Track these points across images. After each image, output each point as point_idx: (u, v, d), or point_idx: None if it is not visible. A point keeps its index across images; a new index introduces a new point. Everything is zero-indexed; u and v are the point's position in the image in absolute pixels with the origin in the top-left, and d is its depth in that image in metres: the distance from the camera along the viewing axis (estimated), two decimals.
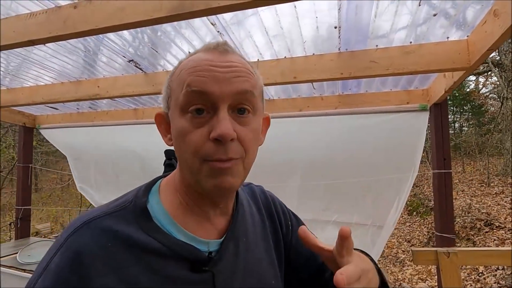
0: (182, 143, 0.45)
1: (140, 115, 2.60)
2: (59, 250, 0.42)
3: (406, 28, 1.37)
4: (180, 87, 0.45)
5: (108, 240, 0.43)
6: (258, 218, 0.62)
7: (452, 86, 1.56)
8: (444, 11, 1.25)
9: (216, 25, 1.36)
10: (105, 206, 0.48)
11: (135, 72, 1.87)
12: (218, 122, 0.43)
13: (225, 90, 0.43)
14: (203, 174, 0.44)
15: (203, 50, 0.48)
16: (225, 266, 0.50)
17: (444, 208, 1.75)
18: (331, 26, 1.36)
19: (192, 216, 0.50)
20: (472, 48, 1.29)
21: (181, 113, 0.45)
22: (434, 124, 1.83)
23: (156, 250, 0.44)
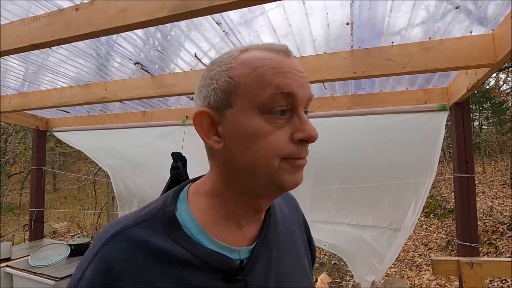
0: (259, 143, 0.43)
1: (149, 118, 2.58)
2: (92, 262, 0.43)
3: (424, 22, 1.27)
4: (263, 86, 0.43)
5: (138, 252, 0.43)
6: (290, 224, 0.61)
7: (475, 84, 1.44)
8: (467, 3, 1.16)
9: (222, 25, 1.30)
10: (135, 214, 0.48)
11: (142, 75, 1.85)
12: (305, 124, 0.44)
13: (304, 94, 0.45)
14: (282, 171, 0.44)
15: (268, 50, 0.46)
16: (258, 275, 0.48)
17: (466, 214, 1.64)
18: (343, 23, 1.28)
19: (222, 224, 0.48)
20: (499, 42, 1.19)
21: (259, 112, 0.43)
22: (455, 125, 1.71)
23: (187, 261, 0.44)
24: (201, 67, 1.72)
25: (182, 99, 2.35)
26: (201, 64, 1.68)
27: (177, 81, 1.75)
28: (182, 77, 1.75)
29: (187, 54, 1.63)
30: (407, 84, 1.86)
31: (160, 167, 2.43)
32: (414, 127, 1.90)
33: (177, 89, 1.73)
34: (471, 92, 1.54)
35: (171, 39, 1.53)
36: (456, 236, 1.72)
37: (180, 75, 1.75)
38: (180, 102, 2.44)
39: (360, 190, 2.12)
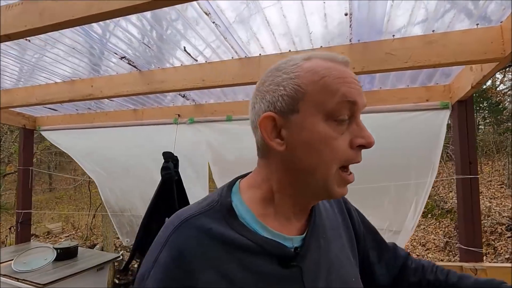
0: (324, 148, 0.46)
1: (140, 116, 2.49)
2: (164, 246, 0.47)
3: (428, 14, 1.19)
4: (330, 94, 0.46)
5: (205, 237, 0.47)
6: (331, 213, 0.64)
7: (481, 81, 1.37)
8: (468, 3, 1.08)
9: (211, 15, 1.21)
10: (196, 206, 0.52)
11: (130, 71, 1.76)
12: (364, 130, 0.48)
13: (362, 102, 0.49)
14: (335, 181, 0.48)
15: (330, 59, 0.49)
16: (311, 262, 0.52)
17: (470, 218, 1.56)
18: (341, 14, 1.20)
19: (274, 216, 0.52)
20: (508, 35, 1.11)
21: (325, 118, 0.47)
22: (459, 124, 1.64)
23: (246, 247, 0.47)
24: (192, 62, 1.63)
25: (176, 98, 2.26)
26: (191, 59, 1.59)
27: (166, 77, 1.66)
28: (171, 73, 1.66)
29: (178, 50, 1.55)
30: (408, 81, 1.78)
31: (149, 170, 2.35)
32: (415, 127, 1.82)
33: (167, 85, 1.64)
34: (475, 89, 1.46)
35: (166, 38, 1.45)
36: (459, 240, 1.64)
37: (169, 71, 1.66)
38: (173, 100, 2.35)
39: (360, 191, 2.03)
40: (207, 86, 1.56)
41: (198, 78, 1.59)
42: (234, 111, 2.19)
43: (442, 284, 0.66)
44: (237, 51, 1.48)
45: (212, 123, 2.26)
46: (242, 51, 1.49)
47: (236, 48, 1.46)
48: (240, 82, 1.51)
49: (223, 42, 1.42)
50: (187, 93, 2.12)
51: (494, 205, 6.32)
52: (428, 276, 0.68)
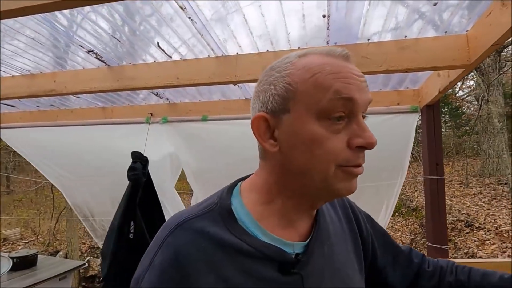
0: (317, 149, 0.44)
1: (109, 114, 2.35)
2: (160, 249, 0.45)
3: (398, 23, 1.23)
4: (322, 91, 0.44)
5: (202, 240, 0.45)
6: (336, 219, 0.62)
7: (447, 86, 1.44)
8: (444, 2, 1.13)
9: (187, 10, 1.16)
10: (194, 208, 0.50)
11: (98, 66, 1.65)
12: (364, 130, 0.45)
13: (364, 99, 0.45)
14: (338, 179, 0.45)
15: (327, 54, 0.46)
16: (313, 269, 0.50)
17: (437, 216, 1.64)
18: (319, 15, 1.20)
19: (276, 219, 0.50)
20: (473, 43, 1.17)
21: (317, 117, 0.44)
22: (426, 127, 1.72)
23: (246, 251, 0.46)
24: (166, 59, 1.56)
25: (149, 97, 2.16)
26: (165, 56, 1.53)
27: (138, 74, 1.58)
28: (144, 70, 1.57)
29: (154, 48, 1.47)
30: (381, 85, 1.84)
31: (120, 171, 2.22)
32: (386, 129, 1.88)
33: (138, 82, 1.56)
34: (442, 94, 1.54)
35: (140, 33, 1.37)
36: (426, 237, 1.72)
37: (141, 67, 1.58)
38: (145, 99, 2.25)
39: None
40: (182, 84, 1.50)
41: (172, 75, 1.52)
42: (210, 110, 2.13)
43: (464, 285, 0.62)
44: (213, 49, 1.44)
45: (187, 123, 2.19)
46: (219, 50, 1.45)
47: (213, 46, 1.42)
48: (217, 81, 1.47)
49: (199, 40, 1.38)
50: (160, 91, 2.04)
51: (454, 203, 6.77)
52: (448, 278, 0.64)
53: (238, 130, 2.05)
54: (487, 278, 0.61)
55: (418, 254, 0.70)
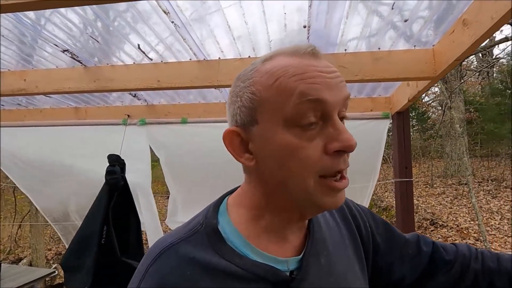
0: (290, 161, 0.40)
1: (82, 115, 2.26)
2: (143, 279, 0.42)
3: (376, 34, 1.31)
4: (286, 97, 0.40)
5: (187, 267, 0.42)
6: (334, 225, 0.57)
7: (416, 95, 1.55)
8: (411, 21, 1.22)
9: (170, 14, 1.16)
10: (179, 231, 0.47)
11: (74, 66, 1.58)
12: (340, 132, 0.40)
13: (337, 97, 0.41)
14: (319, 193, 0.41)
15: (292, 54, 0.42)
16: (310, 285, 0.46)
17: (406, 216, 1.76)
18: (300, 25, 1.25)
19: (266, 235, 0.47)
20: (438, 58, 1.28)
21: (286, 126, 0.40)
22: (397, 132, 1.83)
23: (236, 274, 0.43)
24: (146, 61, 1.53)
25: (125, 97, 2.10)
26: (146, 58, 1.50)
27: (116, 75, 1.54)
28: (123, 71, 1.54)
29: (130, 46, 1.44)
30: (356, 92, 1.94)
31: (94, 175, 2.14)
32: (360, 134, 1.98)
33: (117, 84, 1.52)
34: (411, 102, 1.65)
35: (114, 30, 1.34)
36: None
37: (120, 68, 1.54)
38: (121, 99, 2.18)
39: None
40: (163, 87, 1.49)
41: (152, 78, 1.50)
42: (189, 113, 2.12)
43: (494, 273, 0.56)
44: (196, 53, 1.45)
45: (166, 125, 2.16)
46: (201, 53, 1.46)
47: (195, 50, 1.42)
48: (199, 85, 1.47)
49: (180, 42, 1.37)
50: (139, 92, 2.00)
51: (421, 203, 7.20)
52: (474, 265, 0.57)
53: (218, 133, 2.04)
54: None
55: (428, 241, 0.62)
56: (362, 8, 1.17)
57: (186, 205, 2.35)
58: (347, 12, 1.16)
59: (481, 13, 0.96)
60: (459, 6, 1.08)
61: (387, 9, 1.17)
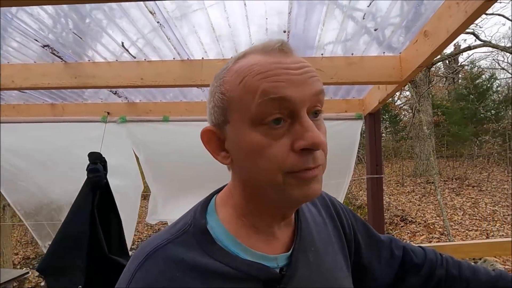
0: (258, 158, 0.41)
1: (59, 112, 2.21)
2: (130, 283, 0.41)
3: (349, 40, 1.42)
4: (251, 96, 0.40)
5: (175, 270, 0.41)
6: (321, 221, 0.58)
7: (385, 98, 1.68)
8: (383, 27, 1.34)
9: (156, 15, 1.20)
10: (166, 232, 0.46)
11: (53, 61, 1.56)
12: (306, 130, 0.39)
13: (304, 93, 0.40)
14: (289, 186, 0.41)
15: (262, 51, 0.42)
16: (300, 281, 0.47)
17: (377, 211, 1.89)
18: (280, 30, 1.33)
19: (255, 233, 0.47)
20: (404, 64, 1.41)
21: (253, 125, 0.40)
22: (369, 132, 1.97)
23: (226, 274, 0.42)
24: (127, 58, 1.55)
25: (104, 94, 2.08)
26: (127, 55, 1.52)
27: (98, 72, 1.54)
28: (105, 68, 1.54)
29: (111, 42, 1.45)
30: (332, 94, 2.05)
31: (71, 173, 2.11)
32: (336, 133, 2.10)
33: (99, 81, 1.52)
34: (381, 104, 1.79)
35: (91, 21, 1.33)
36: None
37: (102, 65, 1.55)
38: (100, 96, 2.16)
39: None
40: (147, 85, 1.51)
41: (135, 76, 1.52)
42: (171, 111, 2.14)
43: (456, 279, 0.61)
44: (179, 52, 1.48)
45: (147, 123, 2.16)
46: (185, 53, 1.50)
47: (178, 49, 1.46)
48: (182, 84, 1.51)
49: (164, 40, 1.41)
50: (119, 89, 1.99)
51: (392, 201, 7.58)
52: (439, 270, 0.62)
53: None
54: (478, 274, 0.60)
55: (399, 245, 0.66)
56: (338, 13, 1.27)
57: (167, 204, 2.36)
58: (324, 16, 1.25)
59: (439, 26, 1.09)
60: (422, 18, 1.21)
61: (361, 15, 1.28)
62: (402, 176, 9.80)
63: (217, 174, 2.19)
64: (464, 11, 0.94)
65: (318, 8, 1.19)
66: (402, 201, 7.54)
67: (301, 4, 1.16)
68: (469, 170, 9.88)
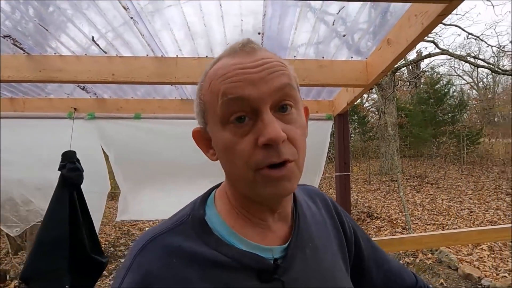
0: (230, 155, 0.43)
1: (20, 107, 2.07)
2: (129, 270, 0.42)
3: (321, 43, 1.49)
4: (215, 98, 0.43)
5: (173, 257, 0.43)
6: (320, 219, 0.59)
7: (352, 100, 1.79)
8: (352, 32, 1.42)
9: (129, 10, 1.18)
10: (165, 223, 0.48)
11: (14, 53, 1.47)
12: (265, 126, 0.41)
13: (263, 90, 0.41)
14: (258, 183, 0.42)
15: (227, 54, 0.45)
16: (296, 274, 0.47)
17: (344, 205, 2.00)
18: (255, 32, 1.36)
19: (250, 225, 0.49)
20: (370, 69, 1.51)
21: (222, 125, 0.43)
22: (337, 132, 2.07)
23: (222, 263, 0.44)
24: (95, 52, 1.50)
25: (70, 88, 1.99)
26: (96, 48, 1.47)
27: (65, 66, 1.48)
28: (73, 62, 1.48)
29: (78, 34, 1.39)
30: (304, 95, 2.13)
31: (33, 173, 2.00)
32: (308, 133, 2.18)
33: (66, 75, 1.46)
34: (349, 106, 1.89)
35: (55, 10, 1.26)
36: None
37: (70, 59, 1.48)
38: (66, 91, 2.06)
39: None
40: (118, 81, 1.48)
41: (106, 71, 1.48)
42: (143, 109, 2.10)
43: None
44: (153, 49, 1.47)
45: (118, 120, 2.10)
46: (159, 50, 1.48)
47: (152, 46, 1.45)
48: (156, 81, 1.50)
49: (138, 36, 1.38)
50: (87, 85, 1.91)
51: (360, 198, 7.96)
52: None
53: (174, 130, 2.07)
54: None
55: (410, 275, 0.67)
56: (311, 16, 1.33)
57: (138, 204, 2.30)
58: (297, 19, 1.30)
59: (400, 36, 1.18)
60: (385, 27, 1.31)
61: (332, 19, 1.35)
62: (369, 175, 10.31)
63: (190, 172, 2.19)
64: (421, 23, 1.03)
65: (292, 10, 1.24)
66: (368, 198, 7.94)
67: (275, 7, 1.20)
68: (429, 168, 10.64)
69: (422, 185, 8.77)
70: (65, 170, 1.69)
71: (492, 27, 24.84)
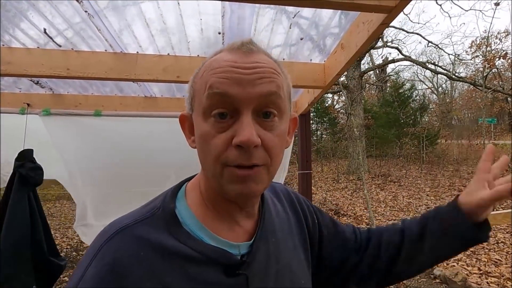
0: (205, 147, 0.44)
1: None
2: (94, 259, 0.41)
3: (280, 45, 1.55)
4: (203, 88, 0.44)
5: (141, 248, 0.42)
6: (284, 216, 0.60)
7: (313, 101, 1.87)
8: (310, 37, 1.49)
9: (83, 4, 1.15)
10: (135, 213, 0.47)
11: None
12: (241, 128, 0.41)
13: (248, 92, 0.42)
14: (225, 179, 0.43)
15: (227, 49, 0.46)
16: (258, 268, 0.49)
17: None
18: (216, 31, 1.38)
19: (220, 220, 0.49)
20: (327, 71, 1.59)
21: (204, 116, 0.44)
22: (300, 132, 2.14)
23: (189, 257, 0.44)
24: (52, 47, 1.44)
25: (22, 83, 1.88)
26: (52, 44, 1.41)
27: (15, 59, 1.40)
28: (23, 55, 1.41)
29: (33, 28, 1.33)
30: None
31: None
32: None
33: (15, 68, 1.38)
34: (310, 106, 1.97)
35: (7, 2, 1.21)
36: None
37: (19, 51, 1.41)
38: (19, 85, 1.94)
39: None
40: (73, 76, 1.43)
41: (60, 66, 1.42)
42: (104, 105, 2.03)
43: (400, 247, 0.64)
44: (111, 44, 1.43)
45: (76, 117, 2.00)
46: (118, 46, 1.45)
47: (110, 41, 1.41)
48: (114, 77, 1.46)
49: (94, 31, 1.35)
50: (42, 79, 1.82)
51: (328, 196, 8.23)
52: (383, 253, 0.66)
53: (136, 128, 2.03)
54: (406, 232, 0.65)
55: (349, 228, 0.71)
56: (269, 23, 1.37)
57: (98, 207, 2.19)
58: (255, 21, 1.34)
59: (350, 41, 1.27)
60: (341, 34, 1.39)
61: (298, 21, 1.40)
62: (337, 174, 10.70)
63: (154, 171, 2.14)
64: (367, 30, 1.12)
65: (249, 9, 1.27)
66: (336, 197, 8.24)
67: (233, 9, 1.23)
68: (392, 168, 11.27)
69: (386, 183, 9.27)
70: (24, 169, 1.60)
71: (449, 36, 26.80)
